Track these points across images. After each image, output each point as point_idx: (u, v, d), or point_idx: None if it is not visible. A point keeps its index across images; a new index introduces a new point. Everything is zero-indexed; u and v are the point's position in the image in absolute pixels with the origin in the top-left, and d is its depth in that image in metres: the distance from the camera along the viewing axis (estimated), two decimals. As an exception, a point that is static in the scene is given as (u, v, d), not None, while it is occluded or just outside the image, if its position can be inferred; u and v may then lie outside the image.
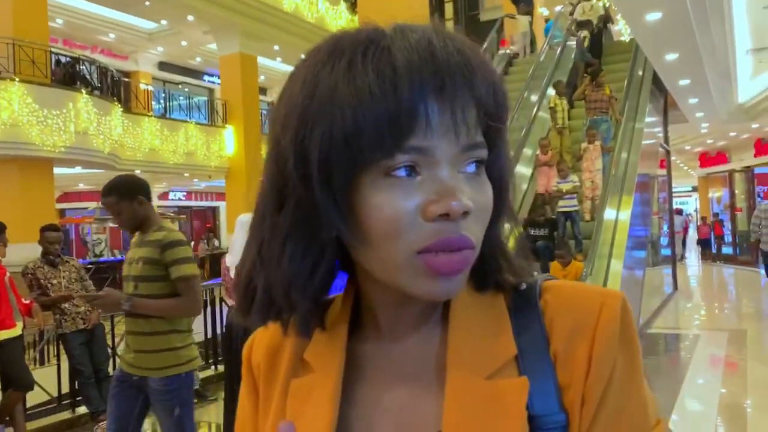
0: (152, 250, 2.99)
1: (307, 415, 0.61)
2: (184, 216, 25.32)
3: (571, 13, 11.94)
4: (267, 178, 0.60)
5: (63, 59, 13.60)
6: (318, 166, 0.54)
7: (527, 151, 9.33)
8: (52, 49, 13.28)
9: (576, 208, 8.11)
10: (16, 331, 5.10)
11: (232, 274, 4.74)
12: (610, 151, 8.64)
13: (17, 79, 11.38)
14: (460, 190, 0.53)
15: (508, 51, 13.13)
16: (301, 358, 0.65)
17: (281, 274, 0.59)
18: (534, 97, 10.19)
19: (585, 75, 10.33)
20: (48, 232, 5.55)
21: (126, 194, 3.00)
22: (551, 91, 9.88)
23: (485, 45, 12.84)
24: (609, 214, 7.81)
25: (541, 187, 8.59)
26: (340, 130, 0.52)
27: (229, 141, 18.13)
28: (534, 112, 9.65)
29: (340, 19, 19.84)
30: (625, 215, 7.89)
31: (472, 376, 0.57)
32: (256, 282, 0.61)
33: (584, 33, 11.18)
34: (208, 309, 7.38)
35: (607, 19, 11.84)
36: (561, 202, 8.05)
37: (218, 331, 7.18)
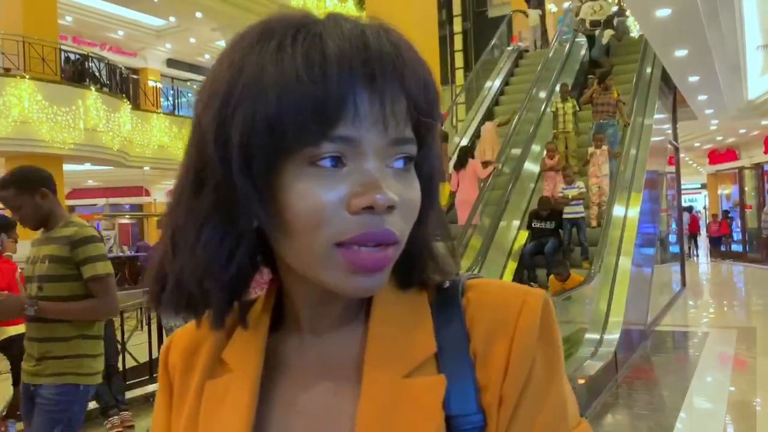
0: (60, 247, 2.70)
1: (223, 417, 0.59)
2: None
3: (577, 14, 11.72)
4: (186, 160, 0.57)
5: (72, 56, 13.67)
6: (239, 149, 0.51)
7: (535, 148, 9.30)
8: (62, 47, 13.37)
9: (582, 215, 7.97)
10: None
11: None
12: (616, 156, 8.50)
13: (27, 77, 11.46)
14: (386, 184, 0.51)
15: (518, 45, 13.10)
16: (219, 359, 0.62)
17: (195, 262, 0.55)
18: (542, 94, 10.17)
19: (592, 76, 10.22)
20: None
21: (27, 187, 2.70)
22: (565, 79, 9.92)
23: (494, 41, 12.83)
24: (617, 211, 7.78)
25: (547, 191, 8.46)
26: (263, 113, 0.50)
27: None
28: (543, 107, 9.63)
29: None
30: (634, 212, 7.86)
31: (389, 375, 0.55)
32: (168, 270, 0.57)
33: (608, 31, 11.00)
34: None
35: (620, 13, 11.66)
36: (567, 209, 7.91)
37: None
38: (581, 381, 5.16)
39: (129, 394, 6.10)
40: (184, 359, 0.65)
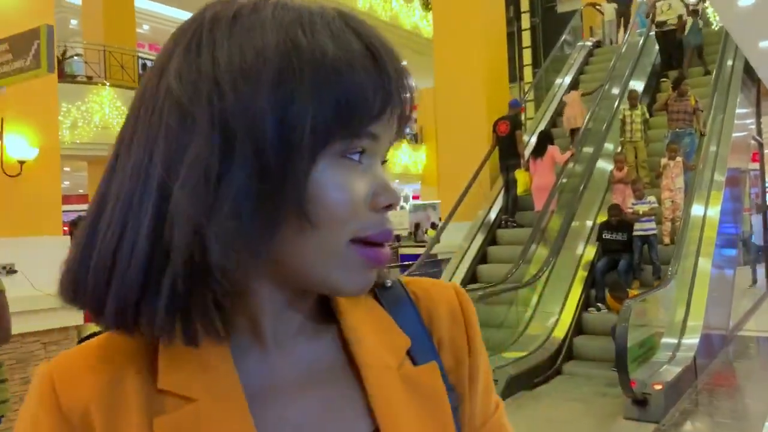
0: None
1: None
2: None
3: (650, 17, 11.21)
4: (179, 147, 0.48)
5: (149, 63, 14.22)
6: (303, 132, 0.47)
7: (608, 146, 9.04)
8: (139, 54, 13.92)
9: (654, 232, 7.34)
10: None
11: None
12: (692, 169, 7.89)
13: (108, 84, 11.99)
14: (391, 183, 0.54)
15: (588, 43, 12.77)
16: (156, 390, 0.50)
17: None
18: (615, 90, 9.89)
19: (665, 79, 9.76)
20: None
21: None
22: (635, 84, 9.55)
23: (564, 37, 12.56)
24: (696, 210, 7.48)
25: None
26: (331, 97, 0.48)
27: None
28: (616, 104, 9.36)
29: (413, 16, 19.85)
30: (714, 212, 7.53)
31: (387, 370, 0.57)
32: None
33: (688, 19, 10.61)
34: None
35: (695, 13, 10.97)
36: (637, 225, 7.27)
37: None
38: (658, 387, 4.98)
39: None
40: (101, 401, 0.50)
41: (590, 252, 7.75)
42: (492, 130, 8.96)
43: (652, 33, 11.16)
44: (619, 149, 8.79)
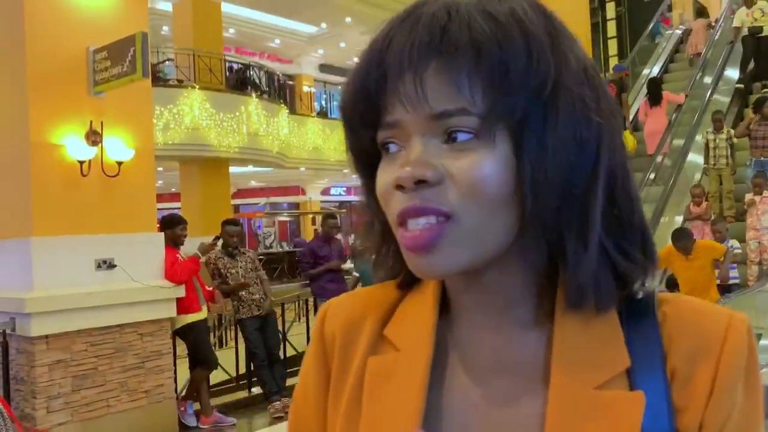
0: None
1: (390, 397, 0.58)
2: (345, 210, 26.35)
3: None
4: None
5: (235, 66, 14.69)
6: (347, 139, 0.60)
7: (698, 139, 8.63)
8: (226, 57, 14.40)
9: (737, 281, 6.43)
10: (202, 314, 5.62)
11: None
12: None
13: (197, 87, 12.46)
14: (417, 160, 0.51)
15: (677, 31, 12.22)
16: (381, 335, 0.62)
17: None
18: (708, 79, 9.43)
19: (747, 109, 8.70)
20: (228, 226, 6.06)
21: None
22: (721, 98, 8.89)
23: (651, 25, 12.08)
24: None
25: None
26: (342, 103, 0.57)
27: (385, 137, 18.57)
28: (707, 95, 8.92)
29: (494, 10, 19.58)
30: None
31: (580, 384, 0.53)
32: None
33: None
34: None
35: None
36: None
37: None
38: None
39: (290, 382, 6.45)
40: (345, 332, 0.64)
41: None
42: None
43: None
44: (698, 178, 8.06)
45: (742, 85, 9.43)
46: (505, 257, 0.54)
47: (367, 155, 0.57)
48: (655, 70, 10.95)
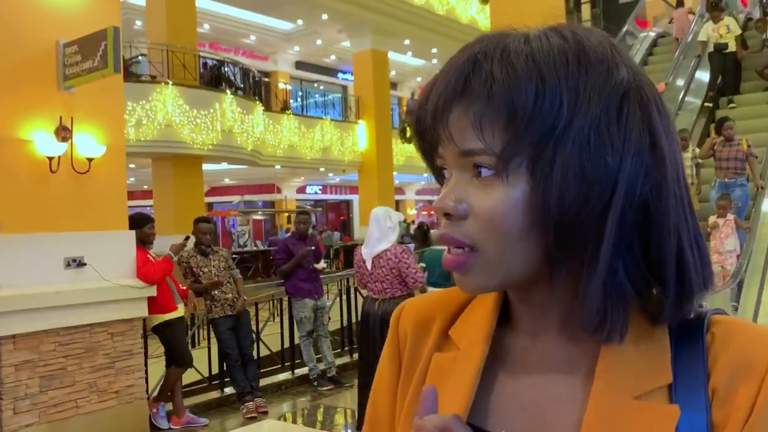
0: None
1: (445, 391, 0.62)
2: (320, 209, 26.30)
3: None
4: None
5: (210, 62, 14.55)
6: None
7: (683, 114, 8.87)
8: (200, 53, 14.26)
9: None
10: (178, 312, 5.54)
11: (369, 265, 4.85)
12: (746, 229, 6.81)
13: (170, 83, 12.32)
14: (447, 192, 0.59)
15: (651, 33, 12.39)
16: (447, 334, 0.68)
17: None
18: (680, 81, 9.57)
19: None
20: (201, 223, 5.99)
21: None
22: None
23: (626, 27, 12.23)
24: (767, 206, 7.17)
25: None
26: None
27: (361, 136, 18.57)
28: (680, 97, 9.06)
29: (470, 9, 19.65)
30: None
31: (619, 393, 0.56)
32: None
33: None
34: (344, 298, 7.64)
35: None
36: None
37: (353, 319, 7.41)
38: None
39: (263, 382, 6.41)
40: (416, 330, 0.71)
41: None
42: None
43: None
44: None
45: (710, 104, 9.43)
46: (551, 277, 0.59)
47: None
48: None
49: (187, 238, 5.83)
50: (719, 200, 6.89)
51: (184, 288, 5.76)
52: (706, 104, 9.45)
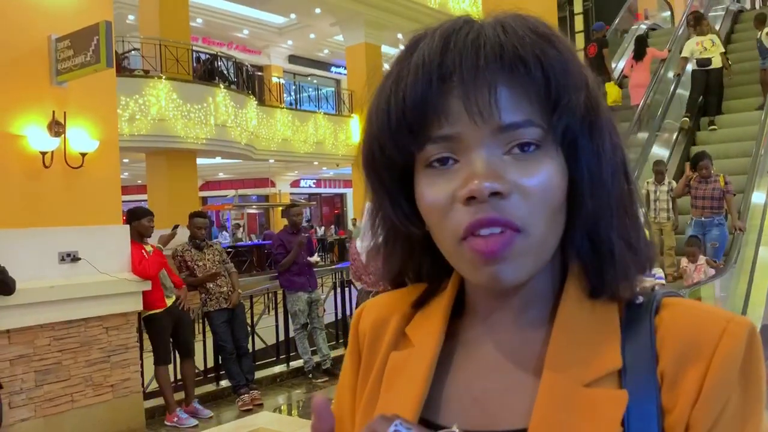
0: None
1: (400, 388, 0.63)
2: (314, 202, 26.30)
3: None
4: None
5: (203, 56, 14.49)
6: (364, 159, 0.62)
7: (663, 134, 8.80)
8: (193, 48, 14.20)
9: None
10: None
11: (364, 258, 4.88)
12: (719, 268, 6.27)
13: (164, 77, 12.27)
14: (488, 172, 0.53)
15: (643, 26, 12.42)
16: (403, 332, 0.67)
17: (383, 254, 0.69)
18: (671, 74, 9.61)
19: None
20: (196, 218, 6.01)
21: None
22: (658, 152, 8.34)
23: (617, 20, 12.25)
24: (757, 198, 7.22)
25: None
26: (373, 129, 0.59)
27: (355, 130, 18.55)
28: (672, 89, 9.09)
29: (462, 2, 19.63)
30: (777, 199, 7.25)
31: (569, 381, 0.55)
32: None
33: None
34: (338, 291, 7.67)
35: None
36: None
37: (348, 312, 7.44)
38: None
39: (258, 374, 6.44)
40: (374, 329, 0.70)
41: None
42: (584, 55, 10.09)
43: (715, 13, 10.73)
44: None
45: (688, 126, 8.84)
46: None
47: (399, 169, 0.59)
48: (621, 65, 11.10)
49: (176, 227, 5.83)
50: (688, 245, 6.40)
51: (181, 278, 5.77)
52: (683, 121, 8.84)
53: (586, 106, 0.55)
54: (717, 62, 8.72)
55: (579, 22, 16.70)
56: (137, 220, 5.41)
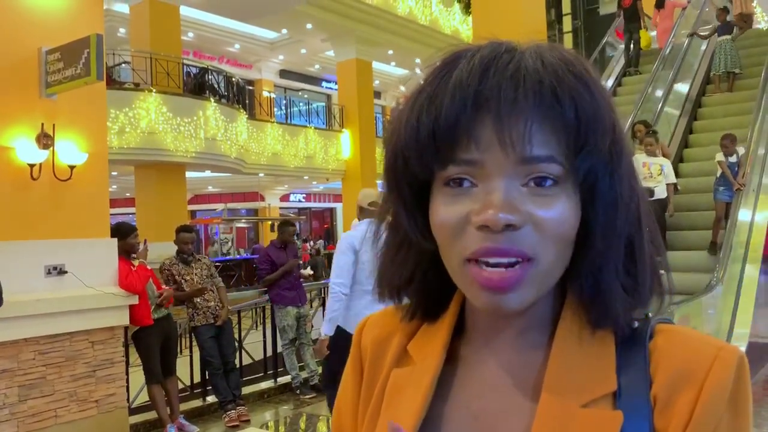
0: None
1: (400, 405, 0.64)
2: (304, 216, 26.27)
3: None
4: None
5: (193, 70, 14.51)
6: (387, 170, 0.62)
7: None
8: (184, 61, 14.21)
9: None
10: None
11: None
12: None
13: (154, 90, 12.26)
14: (505, 203, 0.54)
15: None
16: (405, 349, 0.68)
17: (386, 269, 0.68)
18: (659, 92, 9.71)
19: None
20: (183, 233, 5.97)
21: None
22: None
23: (605, 39, 12.37)
24: (743, 215, 7.27)
25: None
26: (399, 143, 0.59)
27: (345, 144, 18.60)
28: (658, 108, 9.18)
29: (453, 20, 19.79)
30: (762, 216, 7.31)
31: (566, 402, 0.57)
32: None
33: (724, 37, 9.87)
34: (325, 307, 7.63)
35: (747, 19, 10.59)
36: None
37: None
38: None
39: (245, 390, 6.38)
40: (376, 345, 0.71)
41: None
42: (617, 5, 11.74)
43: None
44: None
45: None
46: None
47: (419, 183, 0.60)
48: (609, 83, 11.21)
49: (144, 242, 5.67)
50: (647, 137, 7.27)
51: (166, 288, 5.70)
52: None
53: (611, 152, 0.56)
54: (661, 192, 7.20)
55: (568, 41, 16.88)
56: (123, 238, 5.35)
